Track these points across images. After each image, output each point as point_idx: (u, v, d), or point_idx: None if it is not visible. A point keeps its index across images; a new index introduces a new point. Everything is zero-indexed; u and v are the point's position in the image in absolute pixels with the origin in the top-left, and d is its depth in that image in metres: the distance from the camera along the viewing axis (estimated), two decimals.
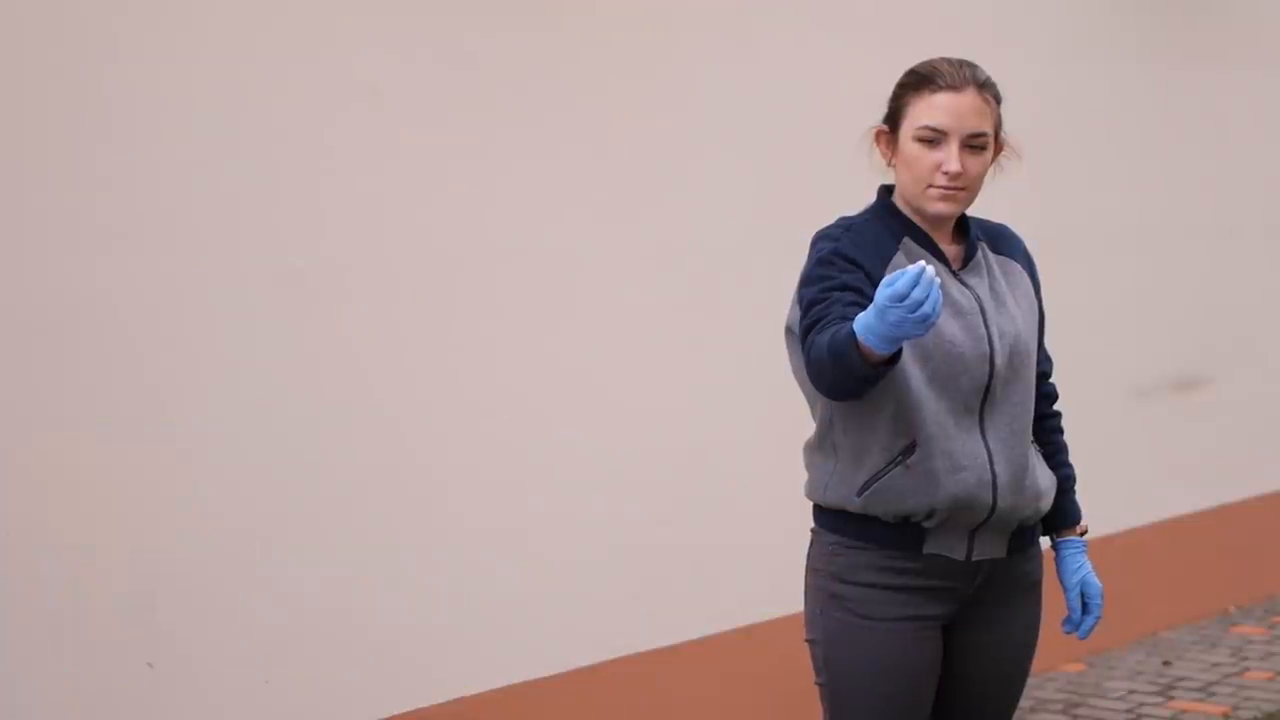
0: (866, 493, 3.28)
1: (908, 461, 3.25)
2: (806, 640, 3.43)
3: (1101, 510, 4.14)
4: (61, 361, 3.97)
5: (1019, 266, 3.45)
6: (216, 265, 4.19)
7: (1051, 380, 3.56)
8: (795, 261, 3.33)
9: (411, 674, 4.53)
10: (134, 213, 4.07)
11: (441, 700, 4.57)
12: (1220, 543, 6.80)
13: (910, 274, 2.83)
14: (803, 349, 3.18)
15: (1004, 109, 3.35)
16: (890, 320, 2.87)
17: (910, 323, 2.86)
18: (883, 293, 2.86)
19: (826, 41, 5.43)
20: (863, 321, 2.94)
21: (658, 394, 5.03)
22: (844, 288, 3.18)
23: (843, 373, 3.04)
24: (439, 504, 4.59)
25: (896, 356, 3.02)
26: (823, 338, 3.08)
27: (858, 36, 5.50)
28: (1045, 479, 3.42)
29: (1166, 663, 6.26)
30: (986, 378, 3.28)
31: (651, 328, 5.02)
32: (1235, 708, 5.79)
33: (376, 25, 4.47)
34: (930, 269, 2.84)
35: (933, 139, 3.26)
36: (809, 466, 3.42)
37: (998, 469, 3.29)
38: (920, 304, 2.84)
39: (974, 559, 3.33)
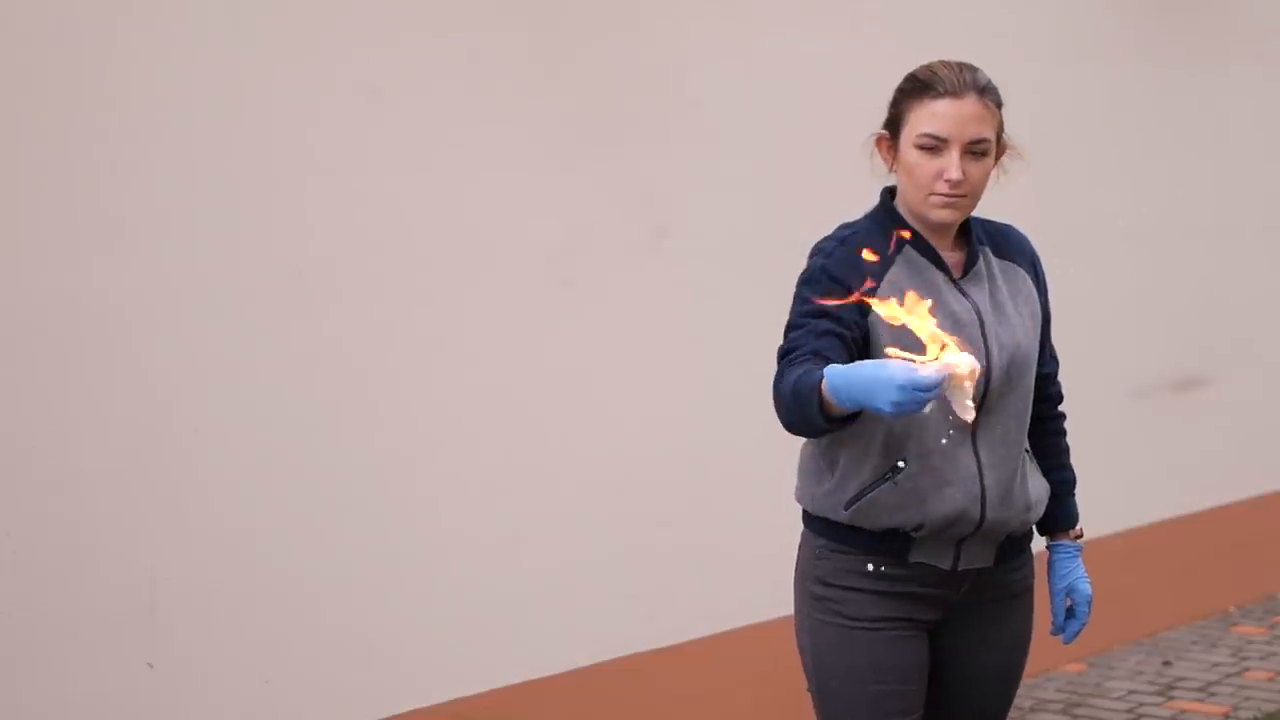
0: (853, 508, 3.27)
1: (896, 479, 3.23)
2: (798, 646, 3.42)
3: (1101, 510, 4.15)
4: (60, 361, 3.97)
5: (1022, 270, 3.41)
6: (215, 265, 4.19)
7: (1058, 380, 3.53)
8: (799, 264, 3.32)
9: (411, 674, 4.53)
10: (132, 212, 4.07)
11: (441, 700, 4.57)
12: (1220, 543, 6.80)
13: (936, 375, 2.85)
14: (775, 374, 3.16)
15: (1004, 110, 3.33)
16: (893, 399, 2.85)
17: (911, 404, 2.86)
18: (905, 375, 2.84)
19: (830, 42, 5.43)
20: (837, 378, 2.93)
21: (658, 395, 5.03)
22: (821, 314, 3.14)
23: (800, 417, 3.05)
24: (439, 504, 4.59)
25: (856, 415, 3.01)
26: (791, 374, 3.07)
27: (861, 37, 5.49)
28: (1037, 489, 3.39)
29: (1166, 663, 6.26)
30: (982, 391, 3.25)
31: (653, 329, 5.02)
32: (1235, 708, 5.79)
33: (374, 24, 4.47)
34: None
35: (933, 146, 3.23)
36: (803, 470, 3.40)
37: (987, 482, 3.27)
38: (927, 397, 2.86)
39: (960, 568, 3.32)
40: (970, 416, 2.93)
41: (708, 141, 5.14)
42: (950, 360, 2.89)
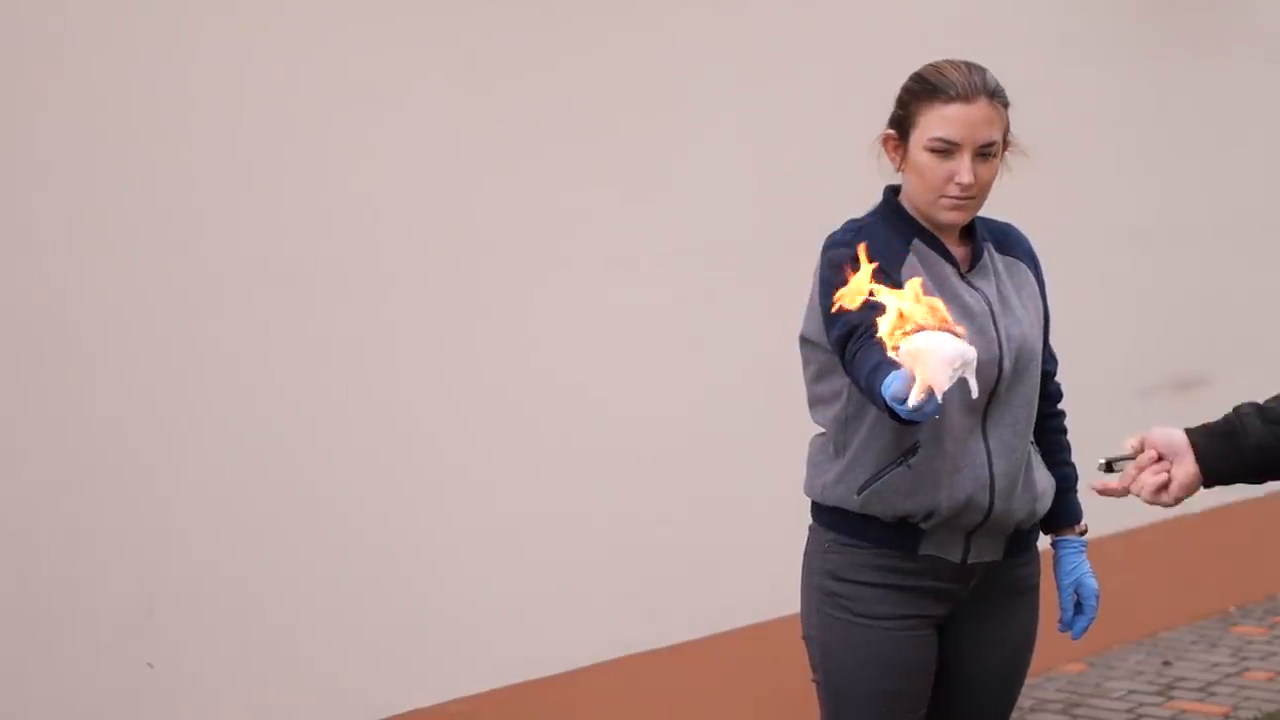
0: (866, 492, 3.28)
1: (910, 462, 3.25)
2: (803, 637, 3.43)
3: (1101, 510, 4.13)
4: (60, 363, 3.97)
5: (1024, 267, 3.44)
6: (214, 266, 4.18)
7: (1057, 380, 3.55)
8: (799, 260, 3.32)
9: (411, 674, 4.53)
10: (130, 213, 4.07)
11: (441, 700, 4.57)
12: (1220, 543, 6.79)
13: (904, 378, 2.81)
14: (842, 358, 3.17)
15: (1008, 109, 3.33)
16: (902, 416, 2.88)
17: (914, 416, 2.85)
18: (885, 391, 2.87)
19: (829, 40, 5.42)
20: (886, 391, 2.90)
21: (658, 393, 5.02)
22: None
23: (879, 410, 3.07)
24: (438, 504, 4.59)
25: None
26: (864, 361, 3.06)
27: (862, 36, 5.49)
28: (1043, 481, 3.41)
29: (1166, 663, 6.25)
30: (994, 380, 3.27)
31: (653, 327, 5.01)
32: (1235, 708, 5.79)
33: (371, 25, 4.46)
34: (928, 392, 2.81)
35: (945, 150, 3.24)
36: (812, 463, 3.41)
37: (996, 471, 3.29)
38: (919, 408, 2.82)
39: (969, 561, 3.33)
40: (941, 389, 2.83)
41: (709, 141, 5.13)
42: (908, 360, 2.83)
